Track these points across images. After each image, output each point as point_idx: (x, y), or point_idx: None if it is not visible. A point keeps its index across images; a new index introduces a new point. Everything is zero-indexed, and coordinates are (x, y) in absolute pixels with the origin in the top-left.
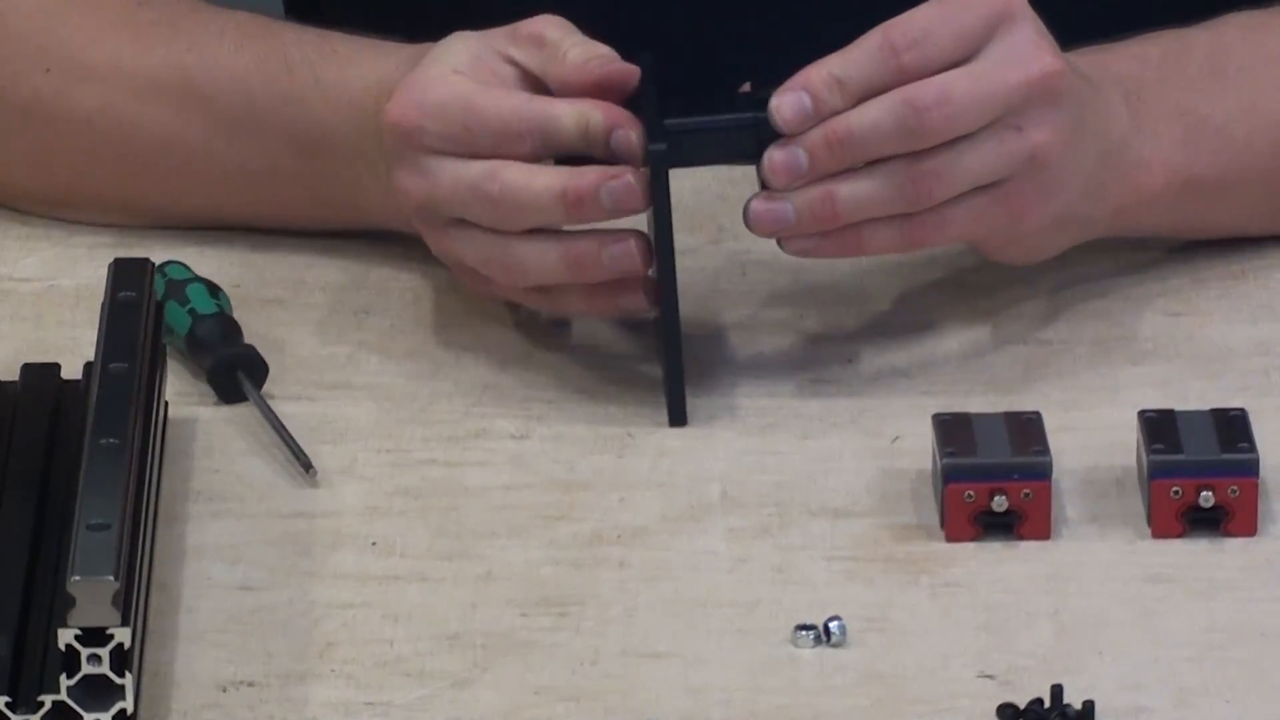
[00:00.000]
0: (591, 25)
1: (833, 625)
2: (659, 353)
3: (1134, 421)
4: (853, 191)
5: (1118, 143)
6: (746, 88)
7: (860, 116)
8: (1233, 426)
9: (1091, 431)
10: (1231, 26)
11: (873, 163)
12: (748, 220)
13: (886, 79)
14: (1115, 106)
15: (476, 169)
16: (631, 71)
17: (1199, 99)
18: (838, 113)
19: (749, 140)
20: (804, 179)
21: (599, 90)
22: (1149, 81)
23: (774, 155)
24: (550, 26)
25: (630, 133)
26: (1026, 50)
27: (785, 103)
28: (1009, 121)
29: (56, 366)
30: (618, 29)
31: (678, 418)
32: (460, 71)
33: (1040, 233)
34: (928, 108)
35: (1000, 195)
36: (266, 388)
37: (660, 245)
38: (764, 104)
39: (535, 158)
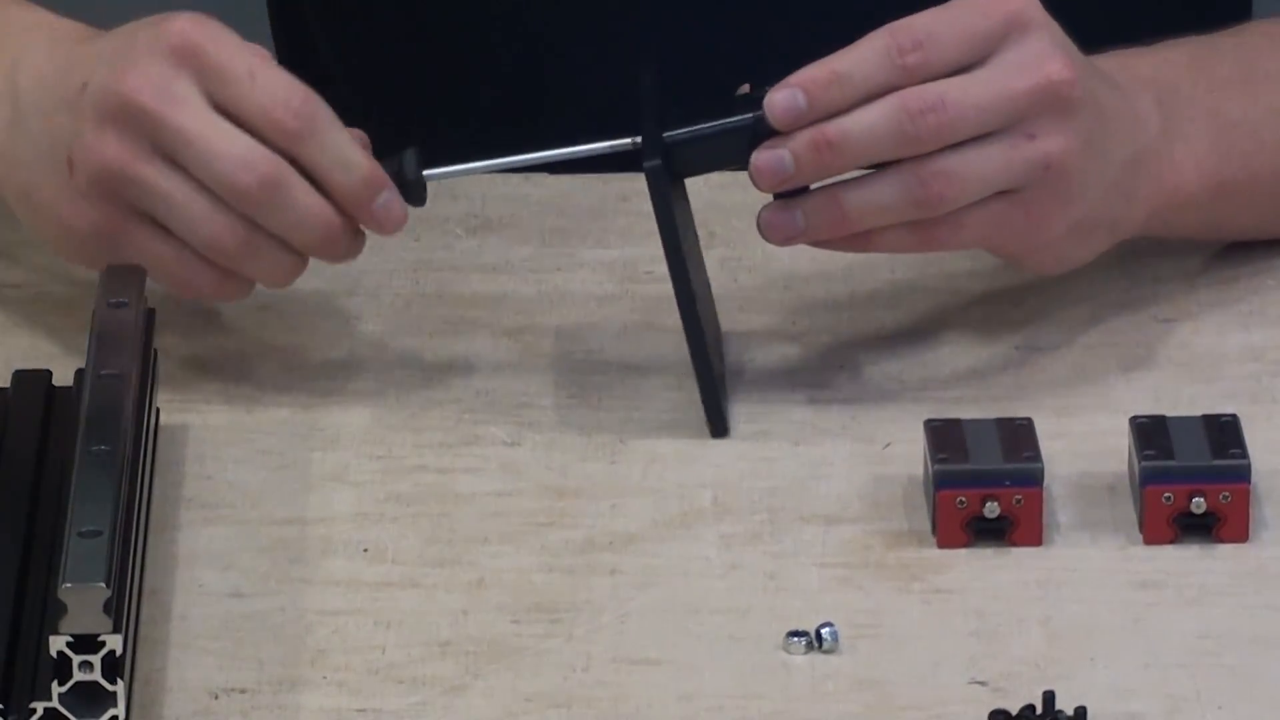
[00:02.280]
0: (595, 29)
1: (824, 631)
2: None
3: (1126, 427)
4: (861, 197)
5: (1149, 146)
6: (746, 89)
7: (854, 120)
8: (1224, 432)
9: (1083, 437)
10: (1256, 35)
11: (882, 166)
12: (760, 230)
13: (889, 80)
14: (1146, 110)
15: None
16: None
17: (1229, 102)
18: (834, 113)
19: (746, 143)
20: (790, 182)
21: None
22: (1180, 84)
23: (759, 156)
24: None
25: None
26: (1036, 57)
27: (778, 99)
28: (1022, 129)
29: (48, 373)
30: (620, 32)
31: (719, 429)
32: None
33: (1063, 240)
34: (923, 112)
35: (1017, 201)
36: (259, 392)
37: (671, 262)
38: (762, 104)
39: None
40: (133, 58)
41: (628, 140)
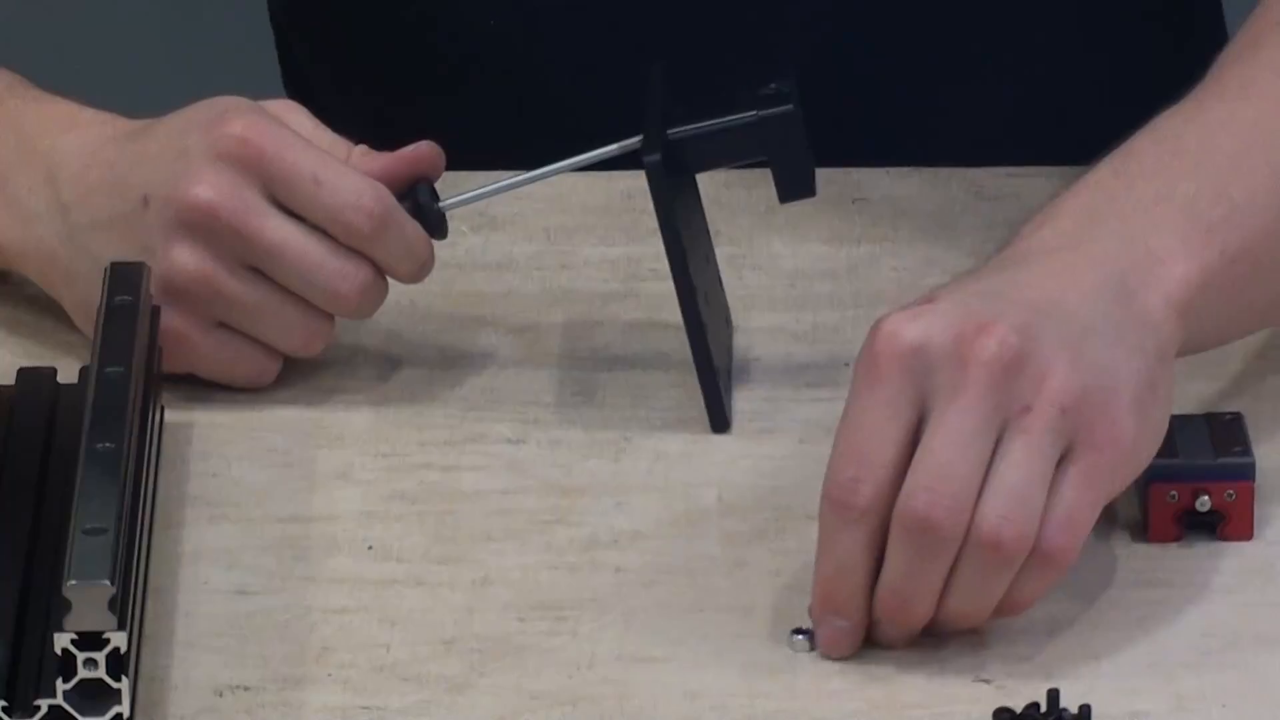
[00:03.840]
0: (597, 26)
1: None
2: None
3: None
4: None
5: (1123, 278)
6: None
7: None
8: (1229, 431)
9: None
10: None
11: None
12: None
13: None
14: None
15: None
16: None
17: (1174, 183)
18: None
19: (752, 140)
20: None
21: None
22: (1115, 191)
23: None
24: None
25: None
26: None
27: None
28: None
29: (53, 371)
30: (626, 33)
31: (720, 424)
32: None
33: (1140, 426)
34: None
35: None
36: (264, 390)
37: (672, 259)
38: (766, 100)
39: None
40: (194, 166)
41: (635, 140)
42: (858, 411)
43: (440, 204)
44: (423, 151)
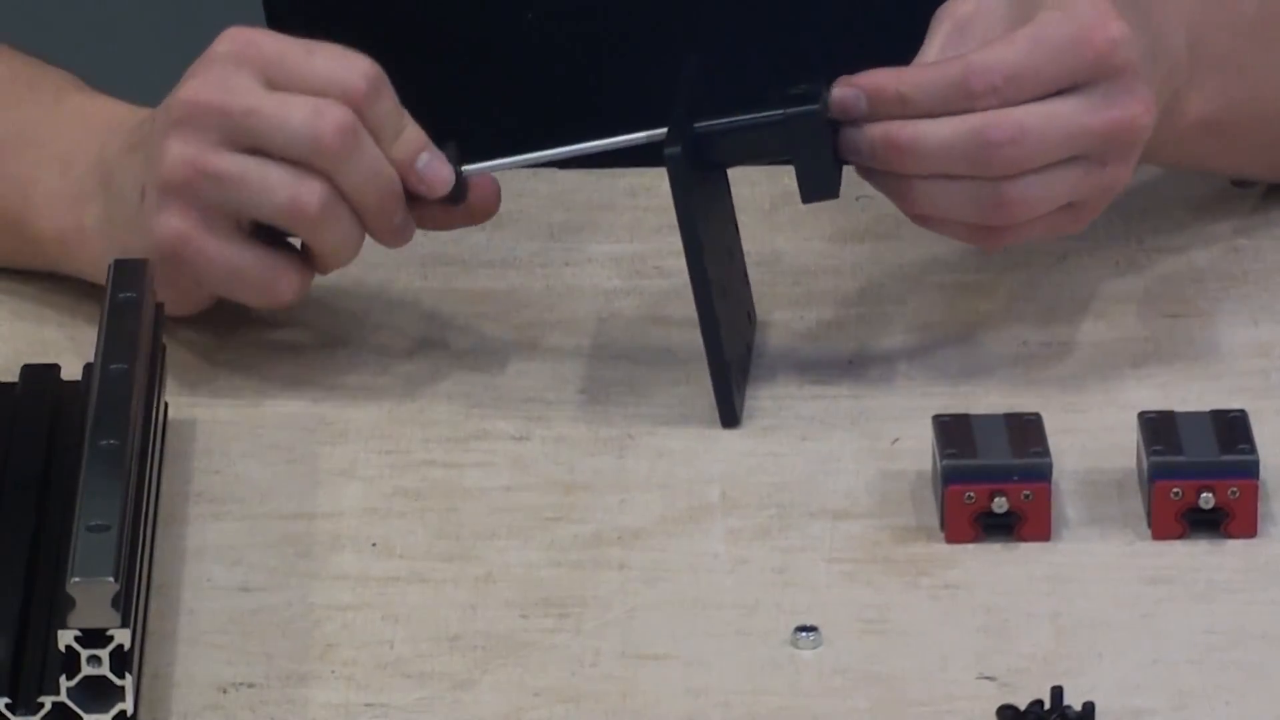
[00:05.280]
0: (633, 23)
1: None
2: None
3: (1134, 423)
4: (929, 189)
5: (1171, 97)
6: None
7: (929, 131)
8: (1233, 428)
9: (1091, 433)
10: None
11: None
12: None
13: (958, 111)
14: (1179, 60)
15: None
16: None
17: (1244, 48)
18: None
19: (779, 138)
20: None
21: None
22: (1208, 27)
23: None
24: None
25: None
26: (1121, 101)
27: (840, 95)
28: (1095, 159)
29: (56, 367)
30: (660, 29)
31: (729, 419)
32: None
33: None
34: (1001, 144)
35: (1075, 209)
36: (268, 387)
37: (688, 251)
38: (795, 100)
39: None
40: (196, 72)
41: (662, 130)
42: (1048, 49)
43: (462, 167)
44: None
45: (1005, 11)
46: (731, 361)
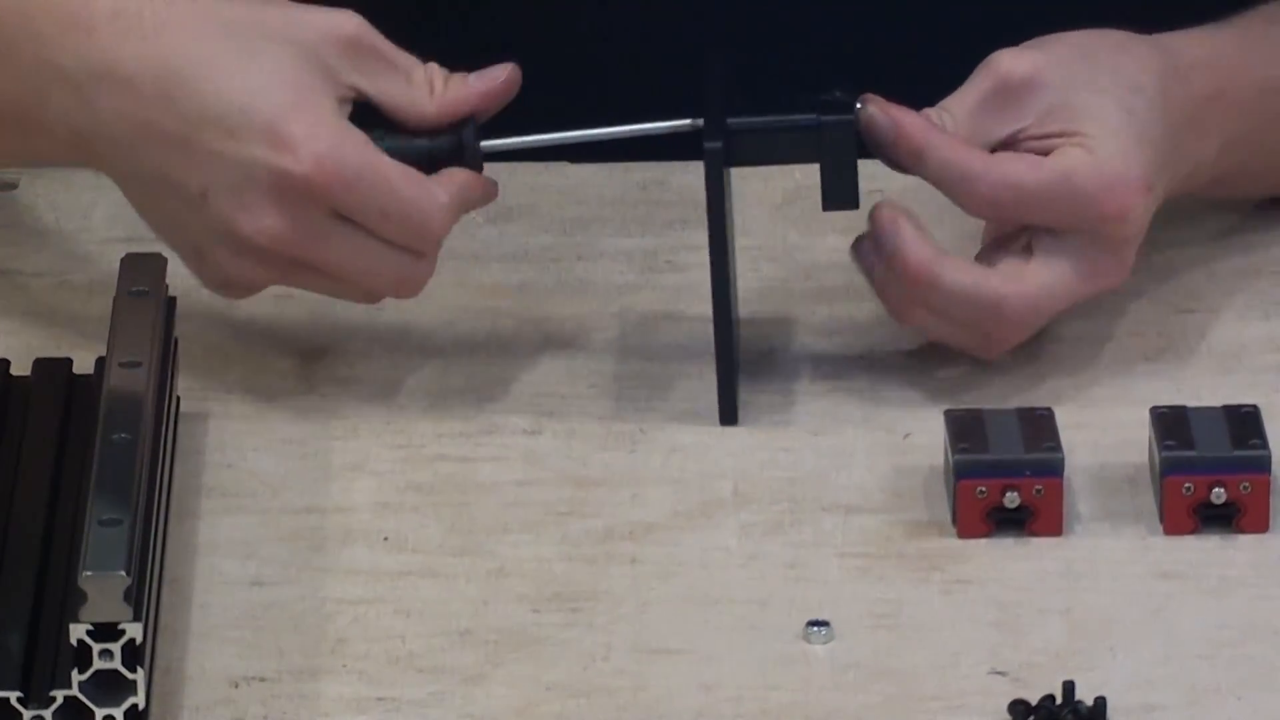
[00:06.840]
0: (653, 26)
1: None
2: (715, 351)
3: (1146, 418)
4: (932, 321)
5: (1192, 162)
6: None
7: (947, 287)
8: (1245, 423)
9: (1104, 428)
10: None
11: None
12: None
13: (963, 199)
14: (1204, 165)
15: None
16: (497, 77)
17: (1263, 101)
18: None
19: (810, 142)
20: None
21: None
22: (1226, 88)
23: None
24: (376, 38)
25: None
26: (1106, 265)
27: (876, 120)
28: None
29: (68, 361)
30: (682, 23)
31: (729, 417)
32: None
33: None
34: (1011, 321)
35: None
36: (280, 381)
37: (713, 245)
38: (829, 106)
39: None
40: (255, 201)
41: (687, 121)
42: (1064, 203)
43: (483, 144)
44: (497, 86)
45: (1053, 99)
46: (738, 361)
